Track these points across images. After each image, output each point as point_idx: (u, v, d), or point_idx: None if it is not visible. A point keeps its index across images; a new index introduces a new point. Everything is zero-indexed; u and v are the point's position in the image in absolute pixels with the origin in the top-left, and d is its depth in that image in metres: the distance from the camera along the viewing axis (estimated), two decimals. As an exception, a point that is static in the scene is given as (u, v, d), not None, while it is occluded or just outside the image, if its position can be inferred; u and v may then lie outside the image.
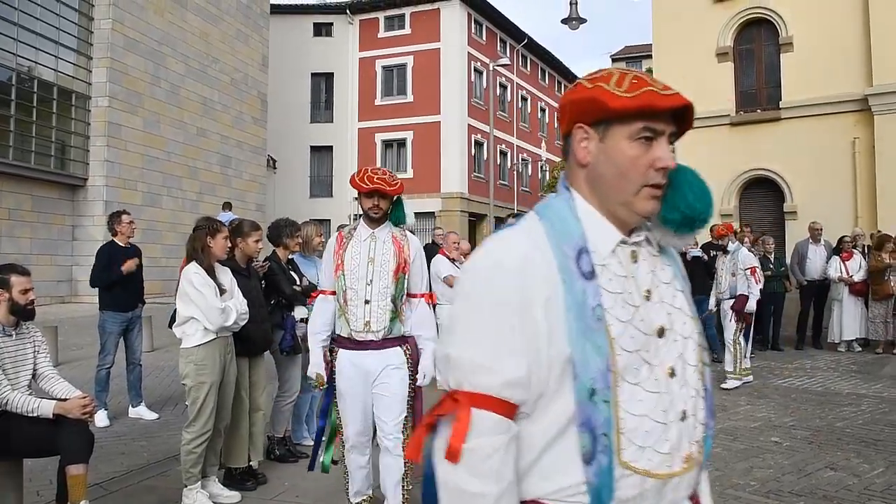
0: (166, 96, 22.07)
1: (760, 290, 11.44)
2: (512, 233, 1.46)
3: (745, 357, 9.12)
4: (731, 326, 9.11)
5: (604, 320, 1.36)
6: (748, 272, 9.00)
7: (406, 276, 4.16)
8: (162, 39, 21.85)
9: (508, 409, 1.36)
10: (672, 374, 1.44)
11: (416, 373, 4.21)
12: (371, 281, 4.09)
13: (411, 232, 4.43)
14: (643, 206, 1.44)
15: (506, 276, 1.37)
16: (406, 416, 4.17)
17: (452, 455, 1.34)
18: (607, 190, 1.44)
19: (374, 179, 4.04)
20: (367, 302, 4.08)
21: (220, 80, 24.66)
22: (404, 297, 4.18)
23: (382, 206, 4.13)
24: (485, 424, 1.34)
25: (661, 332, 1.44)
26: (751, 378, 9.11)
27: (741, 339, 9.08)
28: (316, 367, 4.29)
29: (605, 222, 1.46)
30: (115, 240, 7.68)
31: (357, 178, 4.10)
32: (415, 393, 4.24)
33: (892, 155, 14.39)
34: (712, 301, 9.71)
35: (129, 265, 7.37)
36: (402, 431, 4.14)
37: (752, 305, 9.02)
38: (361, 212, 4.21)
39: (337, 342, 4.25)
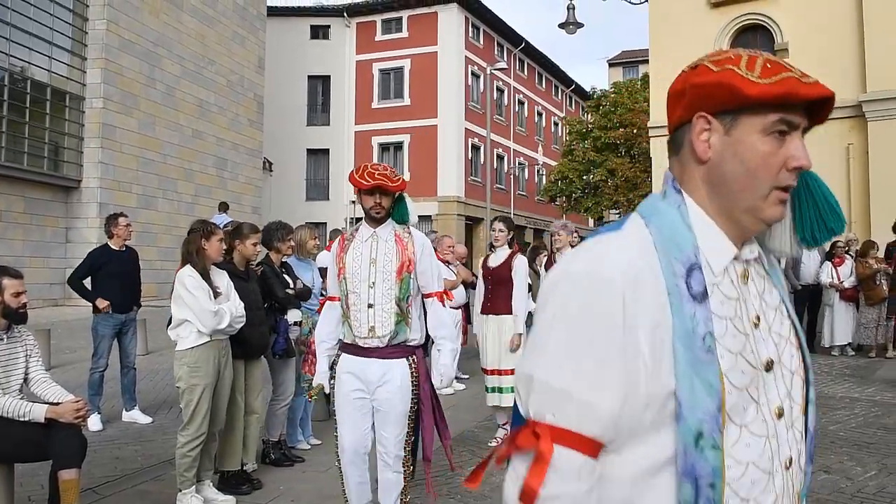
0: (162, 98, 22.02)
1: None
2: (614, 236, 1.25)
3: None
4: None
5: (714, 351, 1.16)
6: None
7: (412, 276, 3.92)
8: (157, 41, 21.81)
9: (594, 448, 1.17)
10: (780, 414, 1.24)
11: (420, 388, 3.98)
12: (374, 283, 3.86)
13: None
14: (771, 213, 1.23)
15: (608, 288, 1.16)
16: (408, 433, 3.96)
17: (528, 499, 1.15)
18: (731, 192, 1.23)
19: (376, 175, 3.82)
20: (370, 306, 3.85)
21: (216, 82, 24.63)
22: (410, 298, 3.93)
23: (384, 205, 3.91)
24: (568, 467, 1.15)
25: (769, 366, 1.24)
26: None
27: None
28: (320, 376, 4.09)
29: (720, 233, 1.25)
30: (110, 243, 7.64)
31: (357, 174, 3.86)
32: (419, 407, 4.00)
33: (885, 161, 14.44)
34: None
35: (103, 307, 7.39)
36: (404, 448, 3.96)
37: None
38: (363, 212, 3.98)
39: (341, 348, 4.05)
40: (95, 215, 19.06)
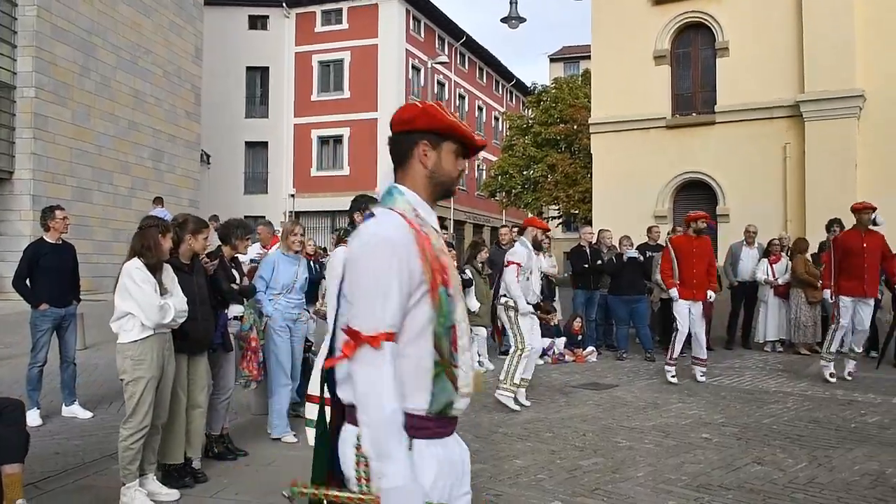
0: (96, 88, 21.48)
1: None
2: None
3: (515, 370, 7.78)
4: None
5: None
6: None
7: None
8: (91, 29, 21.25)
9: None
10: None
11: None
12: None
13: None
14: None
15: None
16: None
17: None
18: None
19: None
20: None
21: (152, 73, 24.12)
22: None
23: None
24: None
25: None
26: (518, 395, 7.90)
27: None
28: (420, 494, 1.90)
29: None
30: (46, 236, 7.43)
31: (452, 118, 2.40)
32: None
33: (820, 161, 14.89)
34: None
35: (42, 309, 7.24)
36: None
37: (523, 307, 7.83)
38: (442, 187, 2.33)
39: (414, 429, 1.96)
40: (28, 208, 18.54)
